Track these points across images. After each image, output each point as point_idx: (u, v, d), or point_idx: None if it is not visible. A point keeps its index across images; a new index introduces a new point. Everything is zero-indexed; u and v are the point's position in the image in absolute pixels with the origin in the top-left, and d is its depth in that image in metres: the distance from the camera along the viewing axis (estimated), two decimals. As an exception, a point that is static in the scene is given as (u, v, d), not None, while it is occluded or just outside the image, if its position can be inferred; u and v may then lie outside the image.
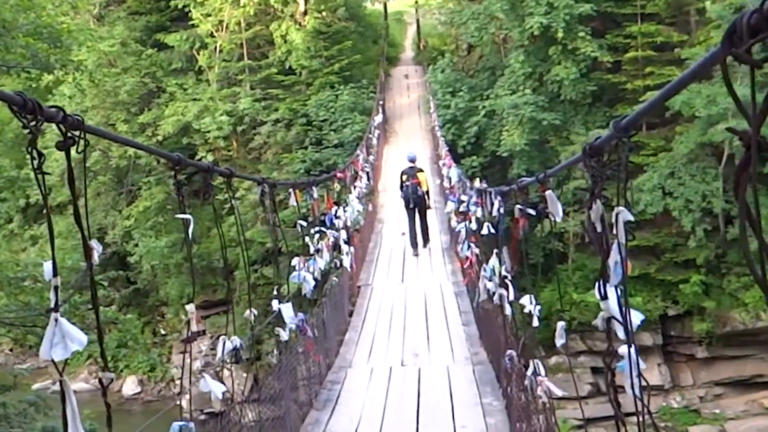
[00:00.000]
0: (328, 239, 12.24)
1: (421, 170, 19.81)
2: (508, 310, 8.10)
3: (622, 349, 3.20)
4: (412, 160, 20.23)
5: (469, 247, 14.06)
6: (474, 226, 13.56)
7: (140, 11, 39.57)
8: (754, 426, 25.48)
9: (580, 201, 28.10)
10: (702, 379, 27.76)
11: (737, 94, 1.73)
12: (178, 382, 32.82)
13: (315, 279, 9.89)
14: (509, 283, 7.98)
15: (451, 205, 19.34)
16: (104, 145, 34.74)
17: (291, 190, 9.65)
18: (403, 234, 20.78)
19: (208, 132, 33.36)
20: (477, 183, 14.84)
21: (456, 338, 12.65)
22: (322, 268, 10.80)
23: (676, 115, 26.44)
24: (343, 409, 9.54)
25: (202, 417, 23.88)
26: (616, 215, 2.99)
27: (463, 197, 16.04)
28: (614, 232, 3.05)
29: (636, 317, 3.24)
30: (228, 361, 5.87)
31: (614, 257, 3.09)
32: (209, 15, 36.27)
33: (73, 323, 2.98)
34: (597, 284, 3.29)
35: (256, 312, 6.63)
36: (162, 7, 39.37)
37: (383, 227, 22.79)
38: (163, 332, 36.53)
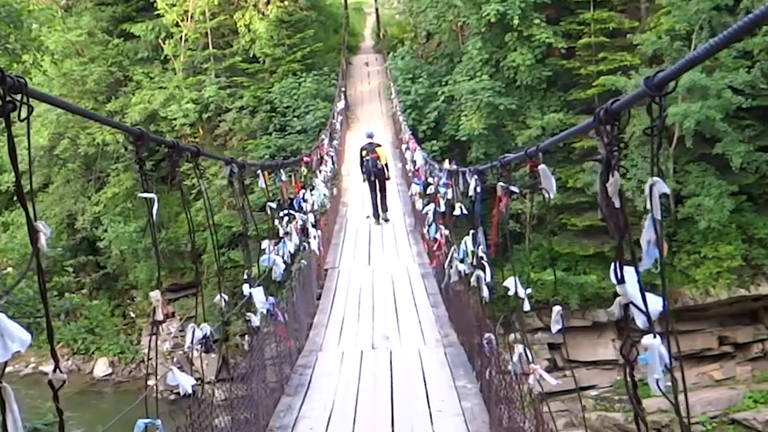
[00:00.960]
0: (297, 222, 11.73)
1: (379, 145, 20.65)
2: (485, 292, 7.66)
3: (646, 340, 2.68)
4: (371, 136, 20.97)
5: (437, 229, 13.59)
6: (443, 207, 13.06)
7: (107, 2, 38.64)
8: (705, 398, 25.24)
9: (535, 185, 27.78)
10: None
11: None
12: (150, 362, 32.20)
13: (285, 262, 9.44)
14: (486, 264, 7.59)
15: (415, 188, 18.93)
16: (73, 133, 34.12)
17: (259, 171, 9.21)
18: (368, 217, 20.50)
19: (175, 119, 32.84)
20: (447, 164, 14.22)
21: (425, 320, 12.23)
22: (292, 251, 10.35)
23: None
24: (316, 394, 9.07)
25: (172, 397, 23.38)
26: (650, 187, 2.47)
27: (430, 180, 15.50)
28: (647, 206, 2.52)
29: (656, 303, 2.79)
30: (198, 350, 5.36)
31: (647, 236, 2.57)
32: (174, 5, 35.68)
33: (14, 318, 2.43)
34: (613, 267, 2.76)
35: (226, 297, 6.07)
36: None
37: (348, 210, 22.40)
38: (132, 315, 35.91)
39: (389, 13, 51.57)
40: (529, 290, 5.82)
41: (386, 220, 20.33)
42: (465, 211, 9.99)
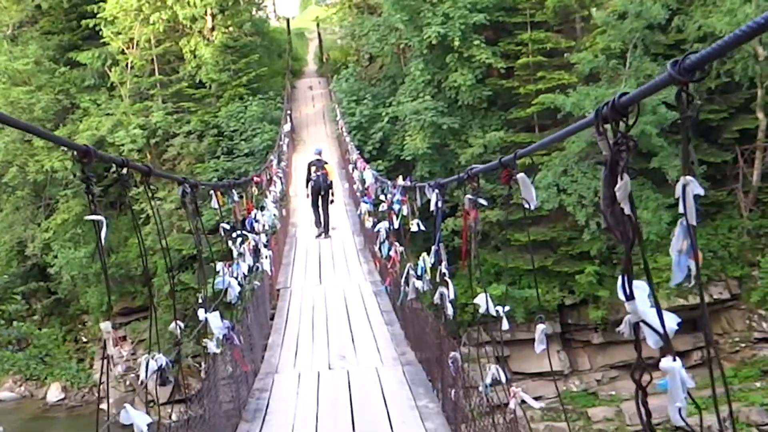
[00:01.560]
0: (249, 243, 11.28)
1: (326, 162, 20.92)
2: (449, 310, 7.30)
3: (665, 363, 2.28)
4: (319, 153, 21.15)
5: (390, 246, 13.19)
6: (396, 225, 12.59)
7: (53, 31, 38.17)
8: (649, 405, 25.21)
9: (509, 196, 27.66)
10: (598, 363, 27.66)
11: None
12: (102, 386, 31.60)
13: (239, 284, 8.93)
14: (448, 280, 7.25)
15: (364, 207, 18.55)
16: (21, 161, 33.44)
17: (212, 192, 8.70)
18: (318, 236, 20.14)
19: (123, 145, 32.13)
20: (400, 181, 13.78)
21: (381, 338, 11.80)
22: (245, 273, 9.87)
23: (567, 115, 26.39)
24: (274, 419, 8.57)
25: (128, 422, 22.59)
26: (683, 187, 2.06)
27: (382, 197, 15.20)
28: (680, 209, 2.12)
29: (671, 320, 2.51)
30: (153, 381, 4.90)
31: (678, 244, 2.18)
32: (120, 33, 35.22)
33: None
34: (621, 281, 2.36)
35: (181, 324, 5.56)
36: (74, 26, 37.98)
37: (297, 230, 21.96)
38: (84, 340, 35.35)
39: (331, 38, 51.43)
40: (507, 307, 5.44)
41: (331, 232, 20.61)
42: (422, 227, 9.62)
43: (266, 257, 12.56)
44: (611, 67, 26.87)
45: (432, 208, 7.35)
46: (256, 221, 12.65)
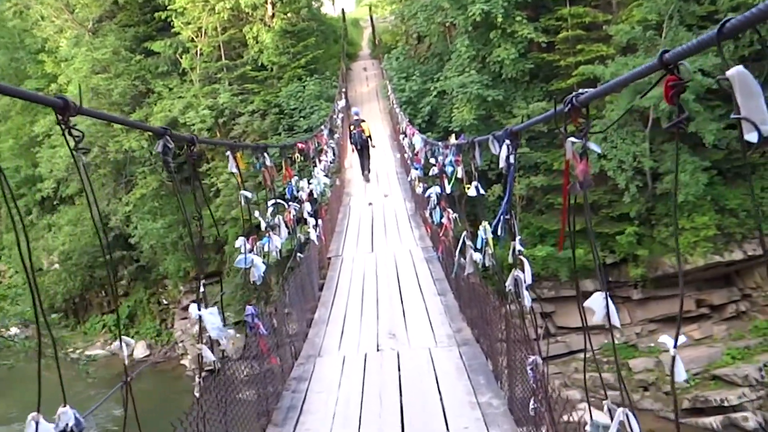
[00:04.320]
0: (289, 212, 9.58)
1: (363, 120, 22.91)
2: (527, 300, 5.13)
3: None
4: (357, 114, 23.65)
5: (442, 213, 11.24)
6: (449, 189, 10.42)
7: (129, 23, 37.81)
8: (686, 356, 24.54)
9: (525, 166, 26.34)
10: (638, 317, 26.41)
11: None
12: (180, 344, 32.50)
13: (265, 262, 6.97)
14: (524, 260, 5.08)
15: (414, 173, 16.97)
16: (102, 142, 33.21)
17: (229, 152, 6.60)
18: (370, 204, 18.98)
19: (193, 125, 31.64)
20: (453, 139, 11.80)
21: (434, 311, 10.01)
22: (279, 247, 7.91)
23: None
24: (309, 421, 6.69)
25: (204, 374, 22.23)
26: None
27: (432, 161, 12.83)
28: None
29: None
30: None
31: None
32: (189, 23, 34.67)
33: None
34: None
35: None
36: (148, 19, 37.70)
37: (351, 199, 20.67)
38: (165, 302, 35.51)
39: (383, 26, 50.24)
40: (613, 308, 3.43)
41: (384, 199, 19.83)
42: (482, 191, 7.26)
43: (313, 227, 11.03)
44: (648, 38, 25.24)
45: (501, 164, 5.02)
46: (300, 189, 10.96)
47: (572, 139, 3.22)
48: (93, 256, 34.04)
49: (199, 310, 4.57)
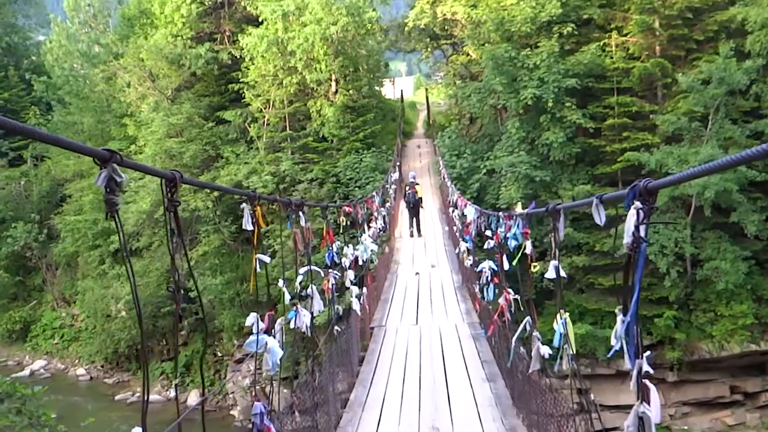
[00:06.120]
0: (328, 281, 8.28)
1: (417, 183, 24.47)
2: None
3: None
4: (413, 177, 25.12)
5: (496, 290, 9.59)
6: (507, 266, 8.58)
7: (205, 93, 38.49)
8: None
9: (568, 246, 25.54)
10: (672, 399, 25.34)
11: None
12: (231, 395, 32.26)
13: (281, 344, 5.44)
14: (651, 387, 3.20)
15: (463, 245, 16.01)
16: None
17: (244, 204, 4.77)
18: (417, 273, 18.24)
19: (255, 189, 30.84)
20: (519, 208, 10.01)
21: (483, 402, 8.52)
22: (308, 324, 6.44)
23: (651, 172, 24.20)
24: None
25: (249, 426, 21.67)
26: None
27: (488, 233, 10.62)
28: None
29: None
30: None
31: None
32: (259, 95, 35.05)
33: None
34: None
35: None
36: (222, 90, 38.41)
37: (399, 268, 19.91)
38: (219, 354, 34.83)
39: (437, 109, 50.39)
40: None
41: (431, 270, 19.16)
42: (562, 272, 5.37)
43: (356, 296, 9.71)
44: (693, 129, 24.55)
45: (626, 239, 3.08)
46: (343, 255, 9.76)
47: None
48: (157, 306, 33.65)
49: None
